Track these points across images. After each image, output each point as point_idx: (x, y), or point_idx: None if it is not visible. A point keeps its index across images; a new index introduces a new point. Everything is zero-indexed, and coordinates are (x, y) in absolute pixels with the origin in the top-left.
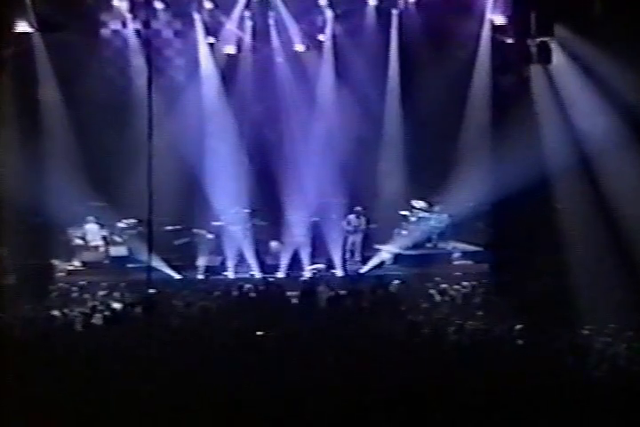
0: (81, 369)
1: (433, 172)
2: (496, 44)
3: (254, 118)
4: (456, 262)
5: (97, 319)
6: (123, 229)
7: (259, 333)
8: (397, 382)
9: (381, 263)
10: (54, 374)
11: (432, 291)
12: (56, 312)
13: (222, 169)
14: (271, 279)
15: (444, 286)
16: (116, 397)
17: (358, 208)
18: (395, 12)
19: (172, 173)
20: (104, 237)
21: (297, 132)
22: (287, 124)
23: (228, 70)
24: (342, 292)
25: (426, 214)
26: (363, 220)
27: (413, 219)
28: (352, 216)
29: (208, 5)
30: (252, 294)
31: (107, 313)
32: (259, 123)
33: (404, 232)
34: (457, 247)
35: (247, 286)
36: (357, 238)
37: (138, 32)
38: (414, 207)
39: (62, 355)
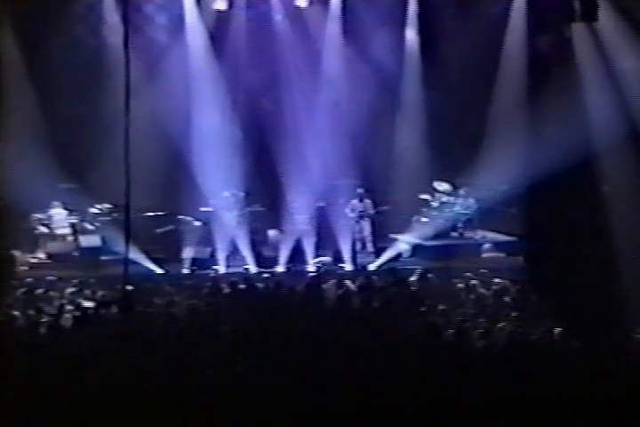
0: (46, 379)
1: (458, 148)
2: None
3: (249, 86)
4: (485, 255)
5: (65, 321)
6: (95, 214)
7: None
8: (415, 393)
9: (398, 256)
10: (15, 385)
11: (457, 288)
12: (17, 313)
13: (212, 145)
14: (269, 274)
15: (471, 282)
16: (86, 411)
17: (360, 190)
18: None
19: (153, 150)
20: (73, 225)
21: (299, 102)
22: (288, 93)
23: (218, 29)
24: (352, 289)
25: (450, 198)
26: (368, 203)
27: (435, 204)
28: (355, 201)
29: None
30: (247, 292)
31: (76, 314)
32: (255, 91)
33: (424, 219)
34: (486, 237)
35: (241, 281)
36: (366, 226)
37: None
38: (436, 190)
39: (24, 362)
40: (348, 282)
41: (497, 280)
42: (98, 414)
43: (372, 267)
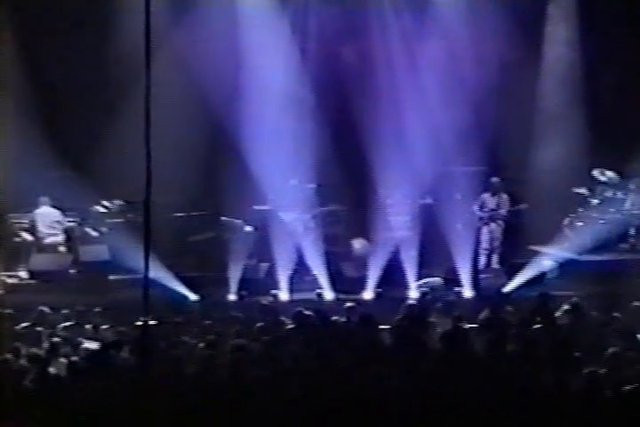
0: None
1: (628, 122)
2: None
3: (325, 31)
4: None
5: (58, 368)
6: (102, 215)
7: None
8: None
9: (541, 276)
10: None
11: (628, 324)
12: None
13: (271, 117)
14: (352, 303)
15: None
16: None
17: (495, 179)
18: None
19: (184, 126)
20: (68, 230)
21: (397, 55)
22: (381, 43)
23: None
24: (473, 325)
25: (617, 193)
26: (504, 199)
27: (595, 201)
28: (486, 195)
29: None
30: (320, 328)
31: (74, 358)
32: (332, 39)
33: (579, 223)
34: None
35: (311, 313)
36: (496, 231)
37: None
38: (597, 182)
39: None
40: (465, 314)
41: None
42: None
43: (502, 292)
